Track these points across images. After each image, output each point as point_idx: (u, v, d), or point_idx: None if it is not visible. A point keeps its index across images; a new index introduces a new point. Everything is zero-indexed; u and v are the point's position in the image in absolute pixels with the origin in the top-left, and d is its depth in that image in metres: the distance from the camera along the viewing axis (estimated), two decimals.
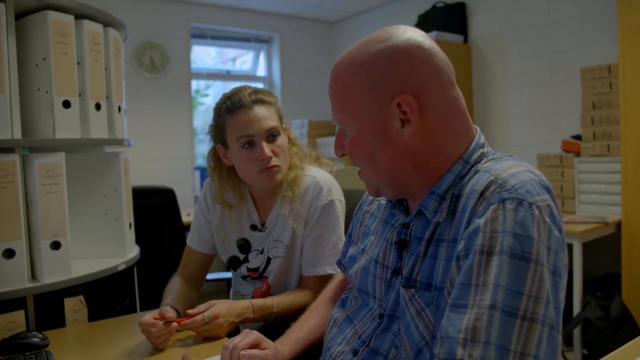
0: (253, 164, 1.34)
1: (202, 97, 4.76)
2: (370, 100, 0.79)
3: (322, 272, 1.38)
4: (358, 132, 0.81)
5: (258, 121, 1.32)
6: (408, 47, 0.78)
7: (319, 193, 1.40)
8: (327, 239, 1.39)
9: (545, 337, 0.63)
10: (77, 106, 1.33)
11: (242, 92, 1.35)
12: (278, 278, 1.45)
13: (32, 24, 1.28)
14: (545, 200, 0.70)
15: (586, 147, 2.85)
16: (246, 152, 1.33)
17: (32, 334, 1.15)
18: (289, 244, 1.42)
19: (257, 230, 1.47)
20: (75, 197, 1.43)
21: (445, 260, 0.76)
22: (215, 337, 1.20)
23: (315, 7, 4.48)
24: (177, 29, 4.16)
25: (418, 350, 0.78)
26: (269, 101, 1.36)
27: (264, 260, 1.46)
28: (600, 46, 3.00)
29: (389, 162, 0.81)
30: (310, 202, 1.40)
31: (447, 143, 0.80)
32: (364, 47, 0.80)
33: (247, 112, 1.32)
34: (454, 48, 3.64)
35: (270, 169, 1.33)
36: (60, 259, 1.27)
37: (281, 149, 1.36)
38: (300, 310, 1.31)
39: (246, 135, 1.32)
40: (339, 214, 1.42)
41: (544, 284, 0.64)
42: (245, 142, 1.33)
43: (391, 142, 0.79)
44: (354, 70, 0.80)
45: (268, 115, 1.34)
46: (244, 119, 1.32)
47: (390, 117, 0.78)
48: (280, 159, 1.35)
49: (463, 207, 0.75)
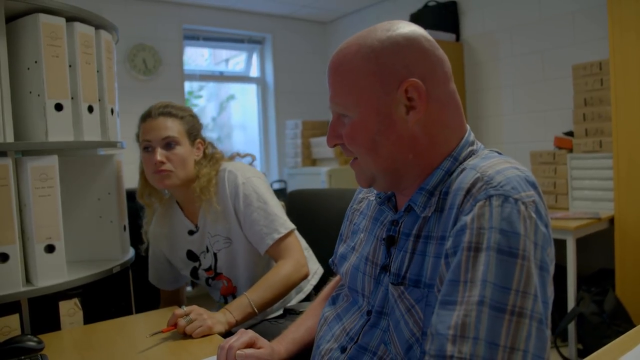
0: (148, 167, 1.48)
1: (195, 99, 4.75)
2: (377, 85, 0.79)
3: (277, 236, 1.46)
4: (361, 116, 0.81)
5: (158, 129, 1.46)
6: (415, 37, 0.80)
7: (233, 179, 1.52)
8: (262, 211, 1.49)
9: (534, 331, 0.64)
10: (69, 109, 1.33)
11: (156, 105, 1.51)
12: (229, 269, 1.56)
13: (23, 27, 1.28)
14: (531, 196, 0.70)
15: (578, 144, 2.87)
16: (146, 155, 1.49)
17: (27, 337, 1.15)
18: (226, 234, 1.53)
19: (194, 234, 1.58)
20: (69, 200, 1.43)
21: (434, 257, 0.77)
22: (207, 334, 1.21)
23: (308, 7, 4.49)
24: (170, 30, 4.15)
25: (408, 346, 0.78)
26: (177, 115, 1.50)
27: (212, 257, 1.56)
28: (592, 43, 3.02)
29: (391, 148, 0.81)
30: (229, 189, 1.51)
31: (444, 134, 0.82)
32: (371, 33, 0.81)
33: (151, 121, 1.48)
34: (446, 47, 3.64)
35: (160, 172, 1.46)
36: (55, 262, 1.27)
37: (177, 157, 1.48)
38: (284, 282, 1.41)
39: (145, 140, 1.48)
40: (261, 185, 1.53)
41: (531, 278, 0.65)
42: (145, 146, 1.49)
43: (395, 128, 0.79)
44: (363, 54, 0.79)
45: (169, 126, 1.48)
46: (147, 126, 1.48)
47: (396, 102, 0.79)
48: (173, 164, 1.47)
49: (450, 204, 0.76)
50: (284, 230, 1.47)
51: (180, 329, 1.20)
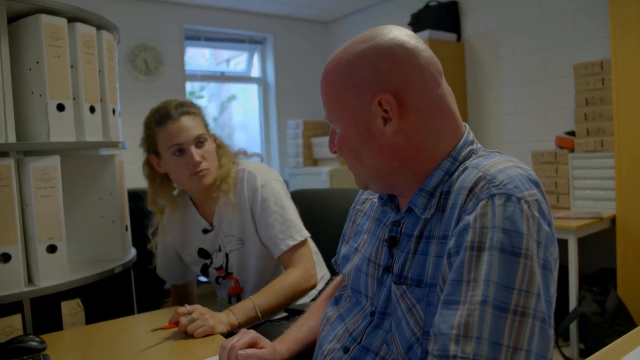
0: (184, 169, 1.45)
1: (196, 99, 4.75)
2: (354, 99, 0.81)
3: (292, 243, 1.45)
4: (344, 129, 0.84)
5: (186, 130, 1.44)
6: (389, 47, 0.79)
7: (253, 180, 1.50)
8: (279, 216, 1.47)
9: (537, 330, 0.63)
10: (71, 109, 1.33)
11: (168, 106, 1.47)
12: (240, 271, 1.55)
13: (25, 27, 1.28)
14: (534, 195, 0.70)
15: (580, 143, 2.86)
16: (177, 159, 1.45)
17: (30, 337, 1.15)
18: (240, 235, 1.52)
19: (208, 232, 1.57)
20: (71, 200, 1.43)
21: (436, 257, 0.77)
22: (208, 334, 1.21)
23: (309, 7, 4.49)
24: (171, 31, 4.15)
25: (409, 346, 0.78)
26: (193, 112, 1.48)
27: (223, 257, 1.56)
28: (593, 42, 3.02)
29: (373, 159, 0.83)
30: (247, 190, 1.50)
31: (432, 140, 0.81)
32: (350, 47, 0.82)
33: (175, 123, 1.44)
34: (447, 46, 3.66)
35: (199, 172, 1.45)
36: (57, 262, 1.28)
37: (209, 153, 1.48)
38: (291, 290, 1.40)
39: (176, 144, 1.44)
40: (280, 190, 1.52)
41: (534, 278, 0.65)
42: (175, 150, 1.44)
43: (374, 139, 0.81)
44: (340, 69, 0.82)
45: (194, 124, 1.46)
46: (172, 129, 1.43)
47: (373, 115, 0.80)
48: (208, 162, 1.47)
49: (452, 204, 0.76)
50: (299, 237, 1.46)
51: (182, 328, 1.20)
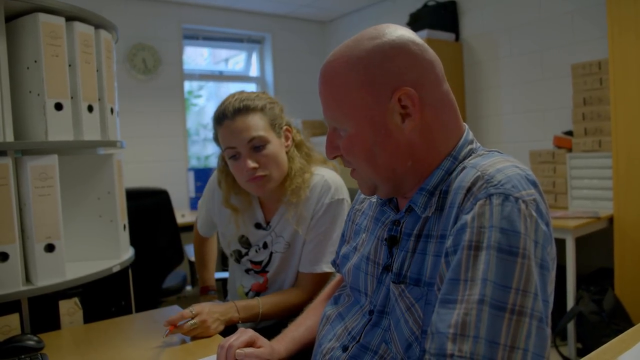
0: (240, 174, 1.35)
1: (195, 98, 4.75)
2: (368, 96, 0.78)
3: (318, 270, 1.39)
4: (355, 129, 0.80)
5: (239, 133, 1.30)
6: (403, 42, 0.78)
7: (326, 191, 1.40)
8: (329, 237, 1.40)
9: (534, 330, 0.64)
10: (69, 108, 1.33)
11: (228, 101, 1.34)
12: (276, 274, 1.47)
13: (23, 26, 1.28)
14: (532, 194, 0.70)
15: (578, 143, 2.87)
16: (233, 162, 1.35)
17: (27, 337, 1.15)
18: (289, 240, 1.44)
19: (261, 229, 1.48)
20: (69, 199, 1.43)
21: (434, 256, 0.77)
22: (205, 336, 1.20)
23: (307, 7, 4.49)
24: (169, 30, 4.15)
25: (408, 345, 0.78)
26: (256, 107, 1.33)
27: (267, 255, 1.48)
28: (591, 42, 3.02)
29: (389, 158, 0.81)
30: (317, 200, 1.40)
31: (441, 137, 0.81)
32: (357, 43, 0.80)
33: (229, 124, 1.31)
34: (446, 46, 3.66)
35: (255, 179, 1.33)
36: (55, 261, 1.27)
37: (269, 158, 1.33)
38: (290, 309, 1.34)
39: (230, 148, 1.33)
40: (342, 213, 1.41)
41: (531, 277, 0.65)
42: (230, 154, 1.34)
43: (391, 137, 0.79)
44: (350, 66, 0.79)
45: (252, 124, 1.30)
46: (226, 131, 1.32)
47: (391, 112, 0.78)
48: (269, 168, 1.33)
49: (451, 203, 0.76)
50: (326, 269, 1.39)
51: (183, 331, 1.20)
